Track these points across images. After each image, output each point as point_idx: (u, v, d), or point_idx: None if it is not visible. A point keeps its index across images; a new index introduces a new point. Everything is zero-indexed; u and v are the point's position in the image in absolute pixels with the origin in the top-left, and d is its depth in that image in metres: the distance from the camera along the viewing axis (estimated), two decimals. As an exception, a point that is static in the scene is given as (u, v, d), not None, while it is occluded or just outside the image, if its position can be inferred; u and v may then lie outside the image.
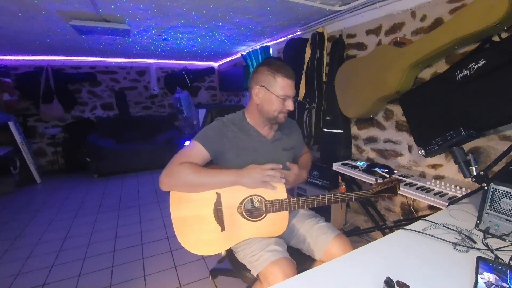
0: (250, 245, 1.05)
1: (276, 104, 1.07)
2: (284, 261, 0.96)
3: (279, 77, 1.05)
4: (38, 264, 1.95)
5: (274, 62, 1.08)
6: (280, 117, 1.11)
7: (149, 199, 3.16)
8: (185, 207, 1.03)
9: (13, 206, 3.01)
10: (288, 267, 0.94)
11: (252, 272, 1.00)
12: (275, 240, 1.06)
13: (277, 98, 1.06)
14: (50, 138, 4.43)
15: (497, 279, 0.64)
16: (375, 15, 1.95)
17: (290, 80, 1.06)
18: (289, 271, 0.93)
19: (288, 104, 1.09)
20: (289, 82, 1.06)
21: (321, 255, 1.07)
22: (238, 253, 1.10)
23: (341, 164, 2.01)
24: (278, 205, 1.04)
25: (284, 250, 1.03)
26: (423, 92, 1.55)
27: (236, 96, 4.83)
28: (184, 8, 2.02)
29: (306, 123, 2.47)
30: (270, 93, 1.06)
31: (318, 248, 1.08)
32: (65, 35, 2.74)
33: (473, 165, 1.04)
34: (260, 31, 2.76)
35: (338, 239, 1.07)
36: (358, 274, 0.69)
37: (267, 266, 0.94)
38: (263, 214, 1.05)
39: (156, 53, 4.01)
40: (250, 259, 1.02)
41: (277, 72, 1.05)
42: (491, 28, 1.19)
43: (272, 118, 1.11)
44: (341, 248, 1.04)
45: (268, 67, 1.07)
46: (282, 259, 0.96)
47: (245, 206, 1.05)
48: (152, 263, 1.94)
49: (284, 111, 1.10)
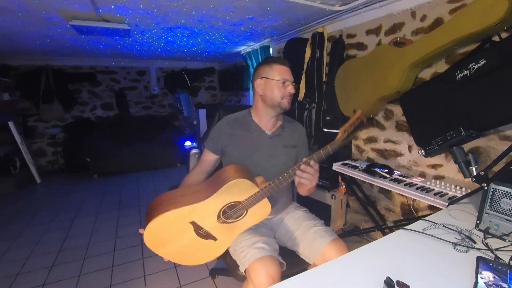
0: (240, 241, 1.06)
1: (277, 89, 1.13)
2: (268, 260, 0.95)
3: (275, 64, 1.15)
4: (38, 264, 1.95)
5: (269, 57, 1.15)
6: (284, 102, 1.15)
7: (149, 199, 3.14)
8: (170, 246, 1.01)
9: (13, 206, 3.01)
10: (272, 266, 0.94)
11: (240, 268, 1.01)
12: (265, 239, 1.06)
13: (277, 83, 1.13)
14: (50, 138, 4.43)
15: (497, 279, 0.64)
16: (375, 15, 1.95)
17: (284, 66, 1.15)
18: (273, 271, 0.93)
19: (289, 88, 1.14)
20: (284, 68, 1.15)
21: (315, 259, 1.06)
22: (230, 248, 1.11)
23: (341, 164, 2.01)
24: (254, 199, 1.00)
25: (272, 249, 1.03)
26: (423, 92, 1.55)
27: (236, 96, 4.83)
28: (184, 8, 2.02)
29: (306, 123, 2.47)
30: (270, 80, 1.14)
31: (314, 251, 1.07)
32: (65, 35, 2.75)
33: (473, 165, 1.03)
34: (260, 31, 2.76)
35: (334, 243, 1.05)
36: (358, 274, 0.69)
37: (251, 263, 0.95)
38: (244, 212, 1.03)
39: (156, 53, 4.01)
40: (239, 255, 1.03)
41: (272, 62, 1.16)
42: (491, 28, 1.19)
43: (277, 105, 1.15)
44: (337, 252, 1.02)
45: (264, 61, 1.19)
46: (267, 257, 0.96)
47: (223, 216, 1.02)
48: (152, 263, 1.94)
49: (286, 95, 1.14)
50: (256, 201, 1.00)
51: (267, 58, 1.21)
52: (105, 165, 4.02)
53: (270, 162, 1.18)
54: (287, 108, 1.17)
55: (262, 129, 1.21)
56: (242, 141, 1.18)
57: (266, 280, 0.90)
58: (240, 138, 1.18)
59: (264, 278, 0.90)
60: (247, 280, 0.97)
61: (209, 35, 2.90)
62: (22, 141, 3.69)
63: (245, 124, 1.21)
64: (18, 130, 3.69)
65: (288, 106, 1.16)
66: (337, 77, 2.11)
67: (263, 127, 1.21)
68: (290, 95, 1.16)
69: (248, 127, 1.20)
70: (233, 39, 3.12)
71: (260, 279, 0.90)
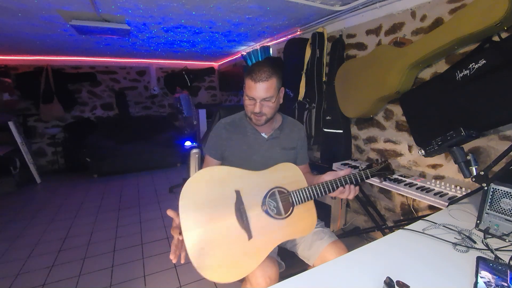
0: None
1: (246, 104, 1.12)
2: (266, 261, 0.94)
3: (247, 79, 1.09)
4: (38, 264, 1.95)
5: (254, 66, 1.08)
6: (253, 118, 1.12)
7: (149, 199, 3.16)
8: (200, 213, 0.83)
9: (13, 206, 3.01)
10: (270, 267, 0.93)
11: None
12: None
13: (245, 97, 1.11)
14: (50, 138, 4.43)
15: (497, 279, 0.64)
16: (375, 15, 1.95)
17: (254, 82, 1.05)
18: (271, 271, 0.93)
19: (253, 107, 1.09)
20: (253, 84, 1.06)
21: (315, 260, 1.05)
22: None
23: (341, 164, 2.02)
24: (303, 194, 0.96)
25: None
26: (423, 92, 1.55)
27: (236, 96, 4.83)
28: (184, 8, 2.02)
29: (306, 123, 2.47)
30: (244, 93, 1.12)
31: (313, 253, 1.06)
32: (65, 35, 2.75)
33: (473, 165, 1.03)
34: (260, 31, 2.76)
35: (333, 245, 1.05)
36: (358, 274, 0.69)
37: None
38: (290, 207, 0.95)
39: (156, 53, 4.01)
40: None
41: (247, 75, 1.09)
42: (491, 28, 1.19)
43: (250, 118, 1.14)
44: (336, 254, 1.02)
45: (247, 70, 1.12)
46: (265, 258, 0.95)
47: (268, 202, 0.93)
48: (152, 263, 1.94)
49: (249, 112, 1.12)
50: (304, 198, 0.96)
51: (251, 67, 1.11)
52: (105, 165, 4.02)
53: (268, 165, 1.16)
54: (259, 124, 1.13)
55: (259, 132, 1.20)
56: (239, 145, 1.17)
57: (264, 280, 0.90)
58: (237, 142, 1.18)
59: (262, 279, 0.90)
60: (245, 280, 0.97)
61: (209, 35, 2.90)
62: (22, 141, 3.69)
63: (242, 127, 1.20)
64: (18, 130, 3.69)
65: (258, 123, 1.12)
66: (337, 77, 2.11)
67: (259, 129, 1.20)
68: (255, 114, 1.09)
69: (244, 130, 1.20)
70: (233, 39, 3.12)
71: (258, 280, 0.90)
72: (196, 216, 0.83)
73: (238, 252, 0.84)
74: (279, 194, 0.96)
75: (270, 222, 0.91)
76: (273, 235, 0.90)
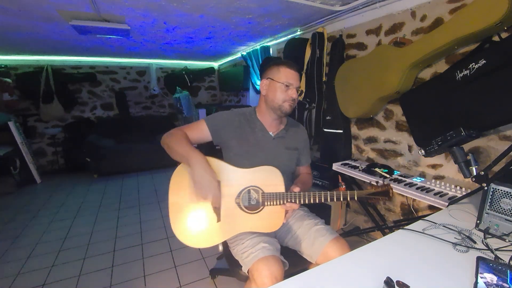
0: (242, 241, 1.07)
1: (280, 91, 1.13)
2: (271, 260, 0.95)
3: (283, 67, 1.14)
4: (38, 264, 1.95)
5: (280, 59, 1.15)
6: (285, 105, 1.14)
7: (149, 199, 3.16)
8: (183, 193, 1.06)
9: (13, 206, 3.01)
10: (275, 266, 0.94)
11: (243, 268, 1.01)
12: (267, 239, 1.06)
13: (280, 85, 1.13)
14: (50, 138, 4.43)
15: (497, 279, 0.64)
16: (375, 15, 1.95)
17: (292, 70, 1.14)
18: (276, 270, 0.93)
19: (290, 92, 1.13)
20: (291, 71, 1.14)
21: (317, 257, 1.06)
22: (232, 248, 1.12)
23: (341, 164, 2.02)
24: (276, 197, 1.04)
25: (274, 248, 1.03)
26: (423, 92, 1.55)
27: (236, 96, 4.83)
28: (184, 8, 2.03)
29: (306, 123, 2.47)
30: (275, 81, 1.14)
31: (315, 250, 1.07)
32: (65, 35, 2.75)
33: (473, 165, 1.04)
34: (260, 31, 2.76)
35: (335, 242, 1.06)
36: (358, 274, 0.69)
37: (254, 263, 0.95)
38: (260, 206, 1.06)
39: (156, 53, 4.01)
40: (242, 256, 1.03)
41: (281, 64, 1.15)
42: (491, 28, 1.19)
43: (277, 108, 1.15)
44: (338, 251, 1.03)
45: (274, 62, 1.18)
46: (270, 257, 0.96)
47: (242, 197, 1.06)
48: (152, 263, 1.94)
49: (288, 98, 1.14)
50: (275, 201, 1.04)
51: (277, 59, 1.19)
52: (105, 165, 4.01)
53: (272, 163, 1.18)
54: (288, 112, 1.17)
55: (267, 129, 1.22)
56: (248, 137, 1.18)
57: (269, 280, 0.90)
58: (246, 134, 1.18)
59: (267, 278, 0.90)
60: (250, 280, 0.97)
61: (209, 35, 2.90)
62: (22, 141, 3.69)
63: (252, 122, 1.22)
64: (18, 130, 3.69)
65: (289, 110, 1.16)
66: (337, 77, 2.11)
67: (268, 128, 1.22)
68: (293, 99, 1.14)
69: (253, 126, 1.21)
70: (233, 39, 3.12)
71: (264, 279, 0.90)
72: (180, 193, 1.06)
73: (206, 228, 1.04)
74: (254, 192, 1.06)
75: (239, 213, 1.06)
76: (237, 224, 1.06)
